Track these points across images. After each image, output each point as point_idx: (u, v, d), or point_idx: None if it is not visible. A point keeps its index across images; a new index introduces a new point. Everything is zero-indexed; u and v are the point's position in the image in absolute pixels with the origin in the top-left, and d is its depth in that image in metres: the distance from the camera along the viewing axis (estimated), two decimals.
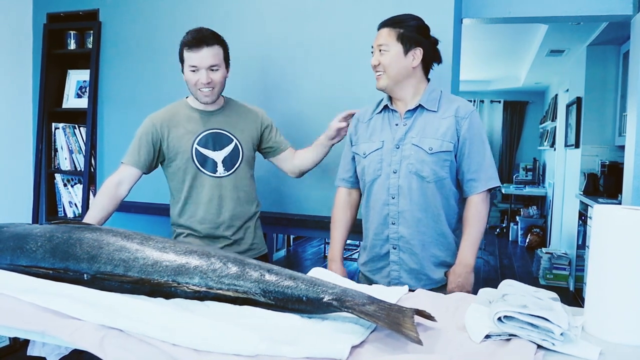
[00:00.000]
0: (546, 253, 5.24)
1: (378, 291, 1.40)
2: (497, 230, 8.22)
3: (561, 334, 1.07)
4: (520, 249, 7.07)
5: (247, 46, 2.74)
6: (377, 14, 2.54)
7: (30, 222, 3.20)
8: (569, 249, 5.18)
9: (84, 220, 1.90)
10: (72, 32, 3.17)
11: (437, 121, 1.79)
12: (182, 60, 1.99)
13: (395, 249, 1.82)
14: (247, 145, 2.09)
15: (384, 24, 1.82)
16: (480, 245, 1.88)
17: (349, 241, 7.40)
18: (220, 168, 2.04)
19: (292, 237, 6.56)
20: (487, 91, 8.75)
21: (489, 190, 1.81)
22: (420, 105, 1.81)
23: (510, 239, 7.61)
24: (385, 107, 1.88)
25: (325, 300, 1.16)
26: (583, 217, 4.52)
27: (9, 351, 3.11)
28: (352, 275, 1.86)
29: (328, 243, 6.43)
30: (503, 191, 7.90)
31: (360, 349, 1.05)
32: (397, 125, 1.83)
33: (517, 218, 7.57)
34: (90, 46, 3.12)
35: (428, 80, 1.88)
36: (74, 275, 1.34)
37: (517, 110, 9.00)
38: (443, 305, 1.35)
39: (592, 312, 1.20)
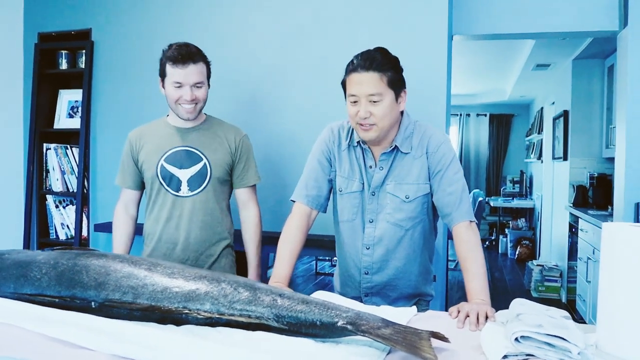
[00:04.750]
0: (537, 265, 5.27)
1: (386, 313, 1.39)
2: (487, 243, 8.27)
3: (578, 353, 1.08)
4: (510, 261, 7.11)
5: (237, 65, 2.75)
6: (369, 33, 2.60)
7: (22, 244, 3.15)
8: (560, 260, 5.22)
9: (113, 252, 1.98)
10: (63, 52, 3.15)
11: (411, 162, 1.66)
12: (163, 75, 1.94)
13: (367, 295, 1.74)
14: (217, 167, 2.00)
15: (366, 68, 1.55)
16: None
17: (336, 258, 7.30)
18: (185, 187, 1.98)
19: None
20: (474, 105, 8.86)
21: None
22: (395, 147, 1.66)
23: (500, 251, 7.65)
24: (359, 142, 1.69)
25: (339, 324, 1.15)
26: (573, 228, 4.56)
27: None
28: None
29: (320, 259, 6.48)
30: (491, 204, 7.96)
31: None
32: (371, 168, 1.69)
33: (506, 230, 7.62)
34: (82, 66, 3.10)
35: (401, 113, 1.69)
36: (82, 304, 1.31)
37: (502, 123, 9.11)
38: (454, 326, 1.35)
39: (605, 329, 1.20)
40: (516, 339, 1.12)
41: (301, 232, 1.72)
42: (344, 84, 1.64)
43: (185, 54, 1.88)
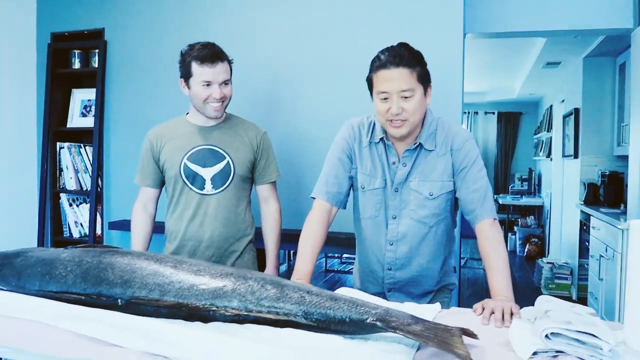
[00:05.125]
0: (547, 263, 5.25)
1: (411, 310, 1.39)
2: None
3: (609, 350, 1.07)
4: (519, 258, 7.09)
5: (252, 63, 2.75)
6: (386, 31, 2.59)
7: (36, 242, 3.16)
8: (570, 258, 5.20)
9: (132, 249, 2.02)
10: (76, 51, 3.16)
11: (435, 160, 1.66)
12: (188, 75, 1.93)
13: (390, 291, 1.75)
14: (240, 164, 2.02)
15: (396, 64, 1.54)
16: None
17: (346, 255, 7.23)
18: (209, 185, 2.00)
19: (292, 252, 6.52)
20: (482, 103, 8.83)
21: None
22: (420, 144, 1.66)
23: (508, 249, 7.62)
24: (381, 139, 1.68)
25: (369, 321, 1.15)
26: (585, 226, 4.55)
27: None
28: None
29: (329, 257, 6.48)
30: (500, 202, 7.94)
31: None
32: (394, 164, 1.68)
33: (515, 228, 7.59)
34: (94, 65, 3.11)
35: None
36: (108, 301, 1.31)
37: (510, 121, 9.09)
38: (479, 323, 1.35)
39: (633, 327, 1.20)
40: (546, 336, 1.11)
41: (322, 228, 1.71)
42: (370, 81, 1.62)
43: (214, 53, 1.91)
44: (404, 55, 1.55)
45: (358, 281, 1.87)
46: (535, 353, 1.11)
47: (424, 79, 1.58)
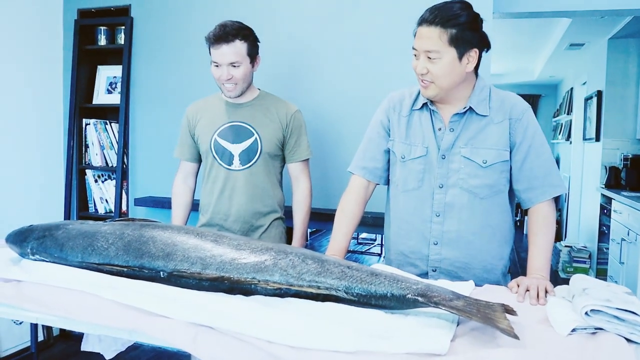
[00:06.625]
0: (565, 246, 5.24)
1: (444, 286, 1.41)
2: None
3: None
4: None
5: (277, 40, 2.74)
6: (412, 8, 2.57)
7: (63, 217, 3.21)
8: (589, 242, 5.18)
9: (172, 222, 2.11)
10: (102, 28, 3.17)
11: (489, 127, 1.56)
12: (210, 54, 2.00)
13: (435, 271, 1.62)
14: (268, 142, 2.04)
15: (429, 22, 1.47)
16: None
17: (364, 234, 7.23)
18: (237, 161, 2.04)
19: (309, 230, 6.55)
20: (500, 85, 8.71)
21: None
22: (469, 108, 1.57)
23: (524, 232, 7.60)
24: (425, 104, 1.62)
25: (410, 296, 1.16)
26: (605, 210, 4.53)
27: (43, 347, 3.13)
28: None
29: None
30: None
31: (453, 343, 1.06)
32: (440, 130, 1.59)
33: None
34: (120, 42, 3.12)
35: (476, 74, 1.60)
36: (150, 273, 1.34)
37: (529, 103, 8.95)
38: (513, 300, 1.37)
39: None
40: (586, 313, 1.13)
41: (358, 205, 1.71)
42: (414, 34, 1.56)
43: (219, 34, 1.91)
44: (443, 14, 1.46)
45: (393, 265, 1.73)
46: (574, 330, 1.13)
47: (460, 42, 1.47)
